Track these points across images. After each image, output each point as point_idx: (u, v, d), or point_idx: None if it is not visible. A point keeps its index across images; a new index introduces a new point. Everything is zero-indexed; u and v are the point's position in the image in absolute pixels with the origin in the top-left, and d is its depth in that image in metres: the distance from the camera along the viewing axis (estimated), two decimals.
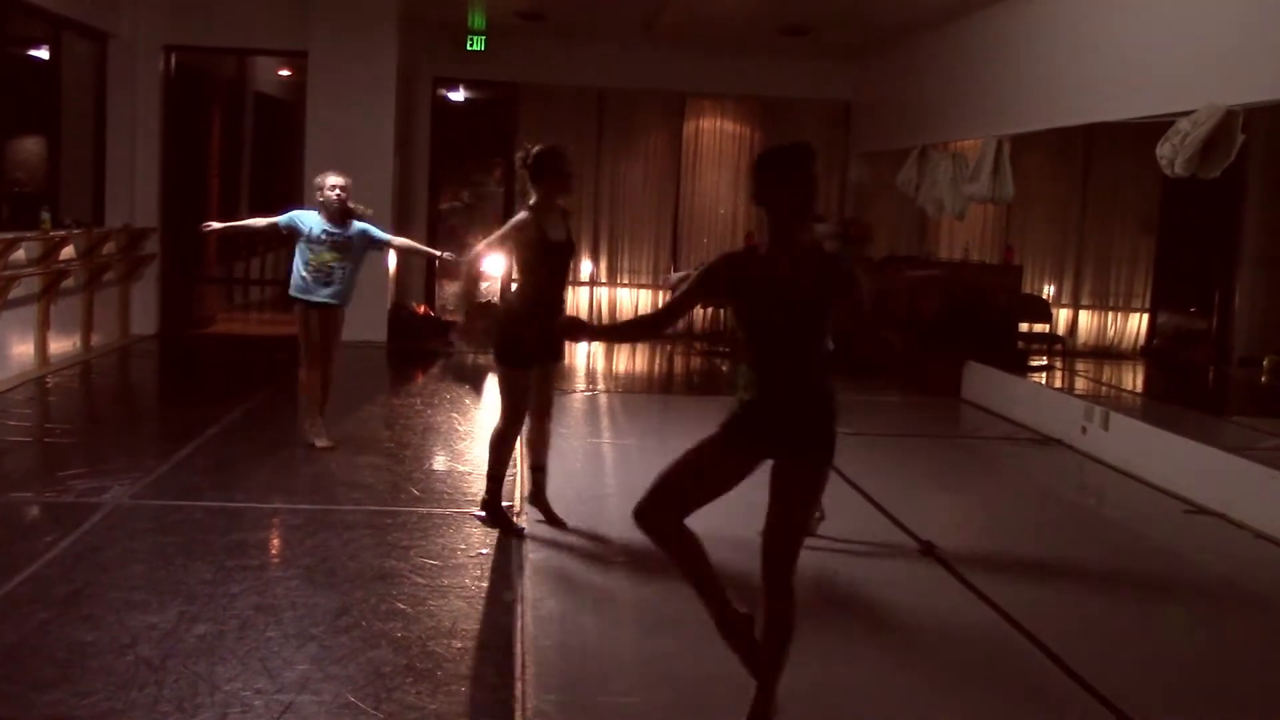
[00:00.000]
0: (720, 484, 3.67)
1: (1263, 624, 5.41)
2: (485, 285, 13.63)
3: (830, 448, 3.61)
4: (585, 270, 14.45)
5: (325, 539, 5.61)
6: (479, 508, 6.05)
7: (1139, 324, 14.15)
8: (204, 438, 7.60)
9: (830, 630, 4.64)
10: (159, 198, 12.09)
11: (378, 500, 6.36)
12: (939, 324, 11.12)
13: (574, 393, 10.26)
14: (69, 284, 10.15)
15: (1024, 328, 12.75)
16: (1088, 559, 6.13)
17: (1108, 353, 14.04)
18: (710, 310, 14.04)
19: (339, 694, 3.89)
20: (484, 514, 5.97)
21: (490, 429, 6.09)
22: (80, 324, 10.59)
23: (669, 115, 14.57)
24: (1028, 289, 13.56)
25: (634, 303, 14.60)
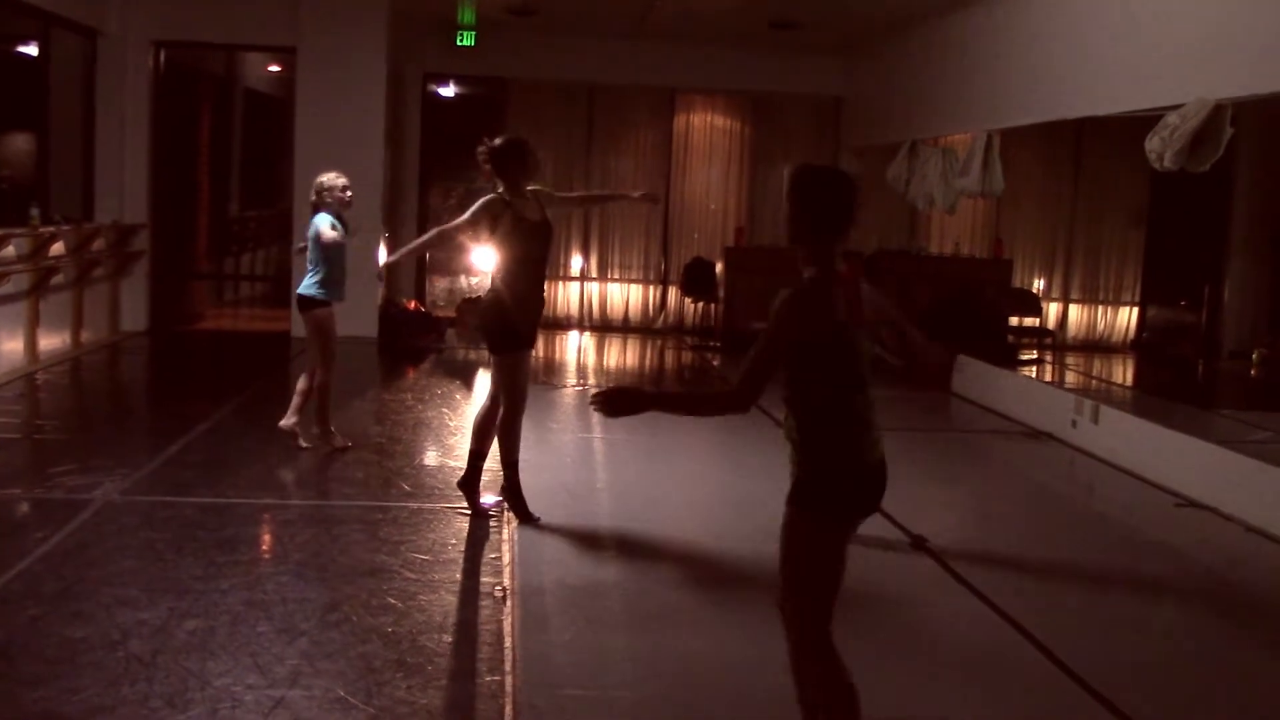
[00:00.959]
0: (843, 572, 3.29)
1: (1252, 616, 5.43)
2: (475, 280, 13.66)
3: None
4: (575, 265, 14.45)
5: (316, 534, 5.61)
6: (495, 492, 6.06)
7: (1129, 317, 14.20)
8: (194, 434, 7.59)
9: None
10: (148, 194, 12.04)
11: (368, 495, 6.35)
12: (929, 318, 11.14)
13: (564, 387, 10.26)
14: (58, 280, 10.12)
15: (1014, 321, 12.80)
16: (1078, 553, 6.15)
17: (1098, 346, 14.09)
18: (700, 306, 14.04)
19: (330, 689, 3.89)
20: (499, 499, 6.00)
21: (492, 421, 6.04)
22: (70, 320, 10.56)
23: (659, 110, 14.55)
24: (1018, 283, 13.61)
25: (625, 298, 14.59)
